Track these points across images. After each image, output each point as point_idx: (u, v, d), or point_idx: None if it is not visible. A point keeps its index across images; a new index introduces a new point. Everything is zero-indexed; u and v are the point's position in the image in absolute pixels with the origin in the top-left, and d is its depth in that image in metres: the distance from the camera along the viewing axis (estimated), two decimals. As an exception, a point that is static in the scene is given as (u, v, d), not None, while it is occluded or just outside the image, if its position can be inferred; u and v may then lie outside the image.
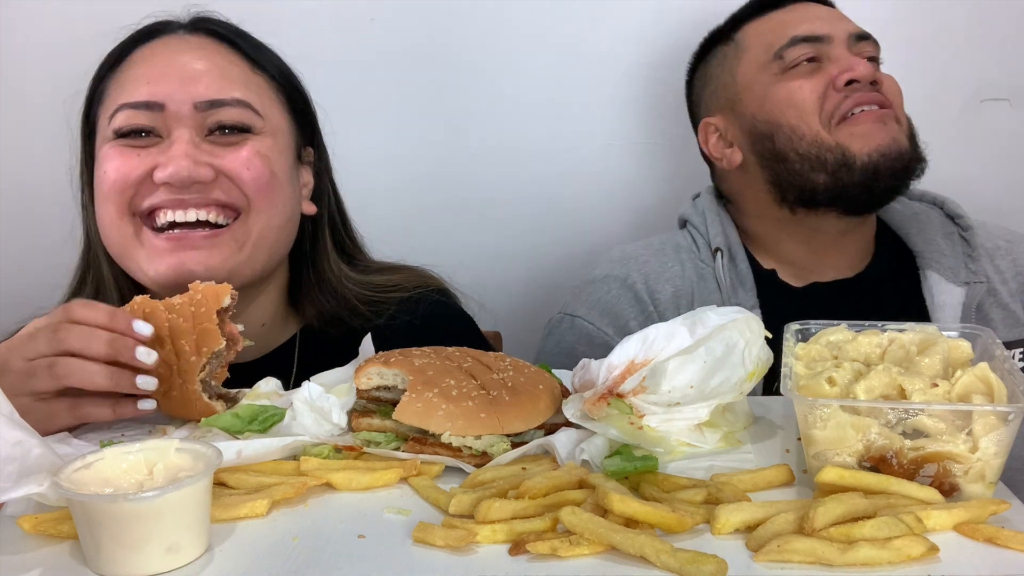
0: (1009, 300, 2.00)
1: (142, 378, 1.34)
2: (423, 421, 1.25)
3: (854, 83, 1.93)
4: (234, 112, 1.65)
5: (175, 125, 1.63)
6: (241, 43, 1.74)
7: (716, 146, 2.11)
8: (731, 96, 2.08)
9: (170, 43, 1.71)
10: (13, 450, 1.07)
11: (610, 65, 2.44)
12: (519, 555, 1.01)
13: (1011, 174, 2.46)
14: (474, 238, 2.50)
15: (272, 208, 1.67)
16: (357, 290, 1.81)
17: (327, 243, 1.83)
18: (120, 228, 1.64)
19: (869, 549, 0.97)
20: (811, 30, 1.99)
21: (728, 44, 2.10)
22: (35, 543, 1.09)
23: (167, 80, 1.64)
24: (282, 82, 1.77)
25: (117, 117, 1.65)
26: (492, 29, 2.41)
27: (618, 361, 1.29)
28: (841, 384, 1.19)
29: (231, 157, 1.64)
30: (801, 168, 1.95)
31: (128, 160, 1.62)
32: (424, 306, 1.82)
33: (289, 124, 1.76)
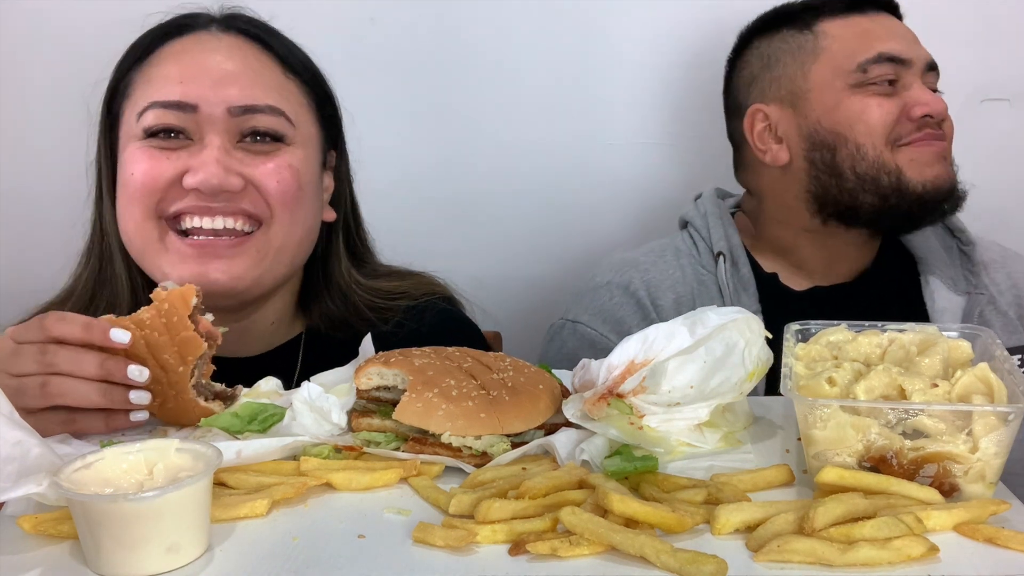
0: (1007, 309, 2.03)
1: (135, 393, 1.33)
2: (423, 421, 1.25)
3: (928, 117, 1.94)
4: (268, 120, 1.64)
5: (208, 128, 1.60)
6: (274, 44, 1.71)
7: (762, 136, 2.05)
8: (796, 91, 2.02)
9: (202, 40, 1.67)
10: (13, 450, 1.07)
11: (612, 65, 2.44)
12: (519, 555, 1.01)
13: (1011, 174, 2.47)
14: (475, 238, 2.49)
15: (295, 221, 1.66)
16: (365, 296, 1.80)
17: (340, 248, 1.82)
18: (144, 231, 1.62)
19: (869, 549, 0.97)
20: (898, 51, 1.97)
21: (804, 34, 2.03)
22: (35, 543, 1.09)
23: (200, 80, 1.61)
24: (313, 86, 1.75)
25: (147, 115, 1.61)
26: (492, 29, 2.41)
27: (618, 361, 1.29)
28: (841, 384, 1.19)
29: (262, 168, 1.62)
30: (854, 187, 1.95)
31: (158, 163, 1.60)
32: (430, 314, 1.81)
33: (318, 131, 1.75)
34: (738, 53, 2.14)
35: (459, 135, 2.46)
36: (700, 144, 2.42)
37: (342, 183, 1.84)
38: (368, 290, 1.82)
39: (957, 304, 1.99)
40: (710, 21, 2.26)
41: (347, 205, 1.85)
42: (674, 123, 2.45)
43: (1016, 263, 2.10)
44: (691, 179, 2.45)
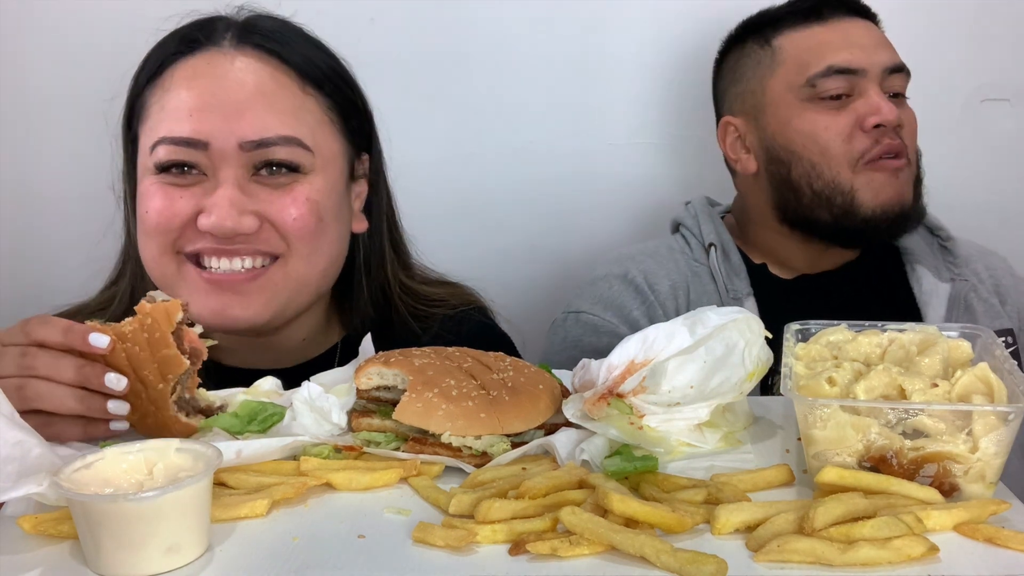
0: (988, 296, 2.06)
1: (114, 402, 1.30)
2: (423, 421, 1.25)
3: (880, 126, 1.95)
4: (283, 151, 1.58)
5: (220, 164, 1.56)
6: (292, 57, 1.63)
7: (733, 147, 2.13)
8: (757, 104, 2.07)
9: (214, 61, 1.60)
10: (13, 450, 1.07)
11: (614, 66, 2.44)
12: (519, 555, 1.01)
13: (1011, 174, 2.47)
14: (475, 238, 2.49)
15: (315, 252, 1.61)
16: (408, 301, 1.78)
17: (386, 253, 1.78)
18: (162, 265, 1.60)
19: (869, 549, 0.97)
20: (848, 61, 1.97)
21: (764, 48, 2.07)
22: (35, 543, 1.09)
23: (211, 114, 1.55)
24: (335, 97, 1.68)
25: (159, 150, 1.57)
26: (493, 29, 2.41)
27: (618, 361, 1.29)
28: (841, 384, 1.19)
29: (278, 204, 1.57)
30: (810, 202, 1.99)
31: (172, 202, 1.56)
32: (468, 325, 1.79)
33: (342, 146, 1.68)
34: (718, 63, 2.20)
35: (459, 135, 2.45)
36: (701, 144, 2.42)
37: (378, 188, 1.78)
38: (410, 293, 1.79)
39: (943, 290, 2.03)
40: (710, 21, 2.26)
41: (384, 212, 1.80)
42: (676, 123, 2.45)
43: (991, 257, 2.15)
44: (692, 179, 2.45)
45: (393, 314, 1.77)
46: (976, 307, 2.03)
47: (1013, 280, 2.13)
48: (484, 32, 2.41)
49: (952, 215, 2.16)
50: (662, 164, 2.49)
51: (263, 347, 1.57)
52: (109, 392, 1.29)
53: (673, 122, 2.45)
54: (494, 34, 2.41)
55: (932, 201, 2.16)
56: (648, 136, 2.47)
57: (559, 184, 2.48)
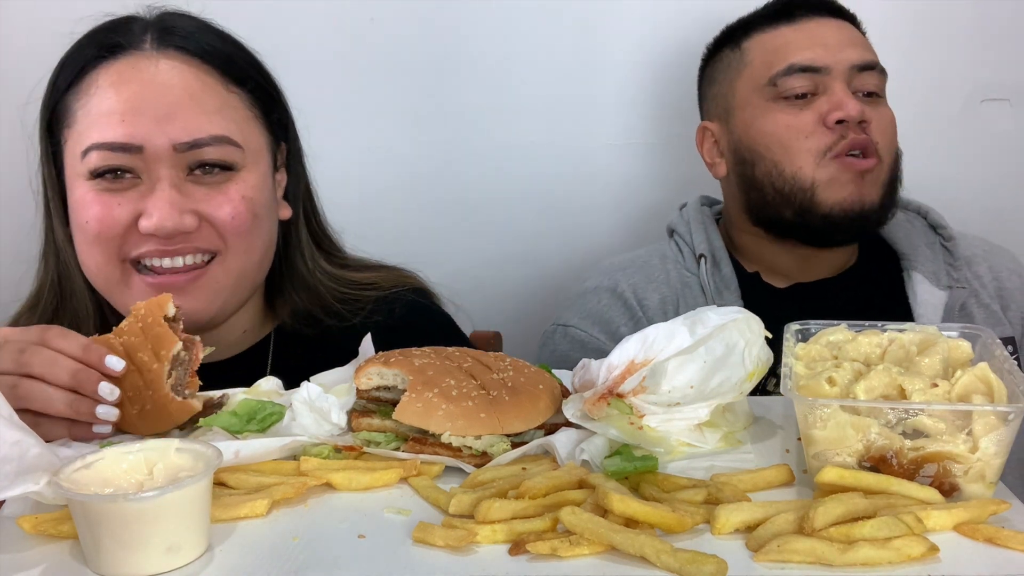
0: (989, 301, 2.04)
1: (103, 408, 1.31)
2: (423, 421, 1.25)
3: (843, 122, 1.93)
4: (215, 151, 1.60)
5: (155, 166, 1.58)
6: (213, 57, 1.65)
7: (709, 152, 2.14)
8: (727, 107, 2.08)
9: (138, 65, 1.61)
10: (11, 450, 1.07)
11: (610, 65, 2.44)
12: (519, 555, 1.01)
13: (1011, 174, 2.47)
14: (474, 238, 2.49)
15: (252, 247, 1.65)
16: (332, 286, 1.80)
17: (303, 238, 1.80)
18: (107, 273, 1.62)
19: (869, 549, 0.97)
20: (811, 59, 1.96)
21: (735, 51, 2.08)
22: (35, 543, 1.09)
23: (142, 118, 1.57)
24: (256, 93, 1.70)
25: (91, 156, 1.58)
26: (492, 29, 2.41)
27: (618, 361, 1.29)
28: (841, 384, 1.19)
29: (215, 203, 1.60)
30: (773, 201, 1.99)
31: (110, 209, 1.58)
32: (400, 306, 1.80)
33: (266, 138, 1.71)
34: (699, 73, 2.20)
35: (458, 135, 2.45)
36: (700, 144, 2.42)
37: (297, 175, 1.81)
38: (335, 279, 1.81)
39: (939, 298, 2.00)
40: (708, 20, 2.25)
41: (304, 196, 1.82)
42: (673, 123, 2.45)
43: (998, 256, 2.12)
44: (690, 179, 2.44)
45: (317, 302, 1.78)
46: (976, 314, 2.01)
47: (1019, 280, 2.09)
48: (483, 32, 2.41)
49: (952, 215, 2.16)
50: (660, 163, 2.49)
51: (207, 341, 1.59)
52: (101, 400, 1.31)
53: (671, 122, 2.45)
54: (493, 34, 2.41)
55: (932, 200, 2.16)
56: (646, 136, 2.47)
57: (558, 183, 2.48)
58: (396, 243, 1.95)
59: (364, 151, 2.42)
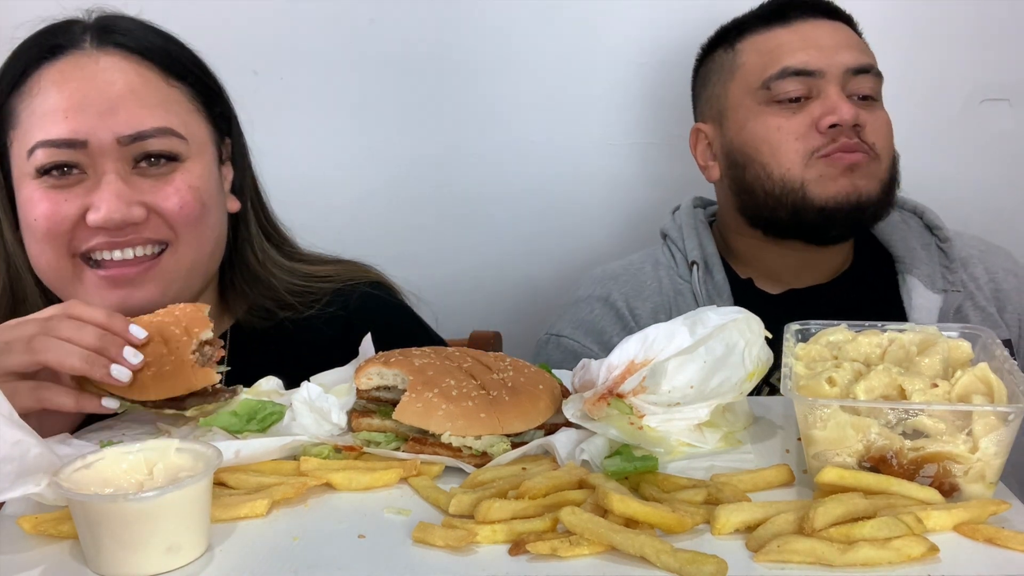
0: (985, 304, 2.03)
1: (117, 368, 1.33)
2: (423, 421, 1.25)
3: (836, 126, 1.91)
4: (159, 142, 1.62)
5: (100, 160, 1.59)
6: (153, 54, 1.67)
7: (703, 154, 2.12)
8: (721, 110, 2.06)
9: (80, 63, 1.63)
10: (12, 450, 1.07)
11: (608, 65, 2.44)
12: (519, 555, 1.01)
13: (1011, 174, 2.46)
14: (474, 238, 2.49)
15: (202, 237, 1.66)
16: (285, 279, 1.80)
17: (252, 231, 1.81)
18: (59, 270, 1.63)
19: (869, 549, 0.97)
20: (804, 63, 1.94)
21: (728, 52, 2.06)
22: (35, 543, 1.09)
23: (85, 113, 1.59)
24: (196, 86, 1.72)
25: (37, 154, 1.59)
26: (491, 30, 2.41)
27: (618, 361, 1.29)
28: (841, 384, 1.19)
29: (162, 194, 1.62)
30: (765, 203, 1.97)
31: (57, 205, 1.59)
32: (355, 298, 1.80)
33: (209, 131, 1.73)
34: (693, 78, 2.19)
35: (457, 135, 2.46)
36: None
37: (242, 169, 1.81)
38: (287, 271, 1.81)
39: (934, 302, 1.99)
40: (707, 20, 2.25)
41: (250, 190, 1.83)
42: (673, 123, 2.45)
43: (995, 257, 2.10)
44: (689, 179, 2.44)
45: (269, 294, 1.78)
46: (971, 317, 2.00)
47: (1016, 281, 2.07)
48: (483, 32, 2.41)
49: (951, 214, 2.16)
50: (659, 163, 2.49)
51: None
52: (122, 362, 1.33)
53: (670, 122, 2.44)
54: (492, 34, 2.41)
55: (931, 200, 2.16)
56: (645, 135, 2.47)
57: (557, 183, 2.48)
58: (395, 243, 1.95)
59: (364, 151, 2.43)
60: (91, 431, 1.40)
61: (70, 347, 1.32)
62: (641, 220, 2.49)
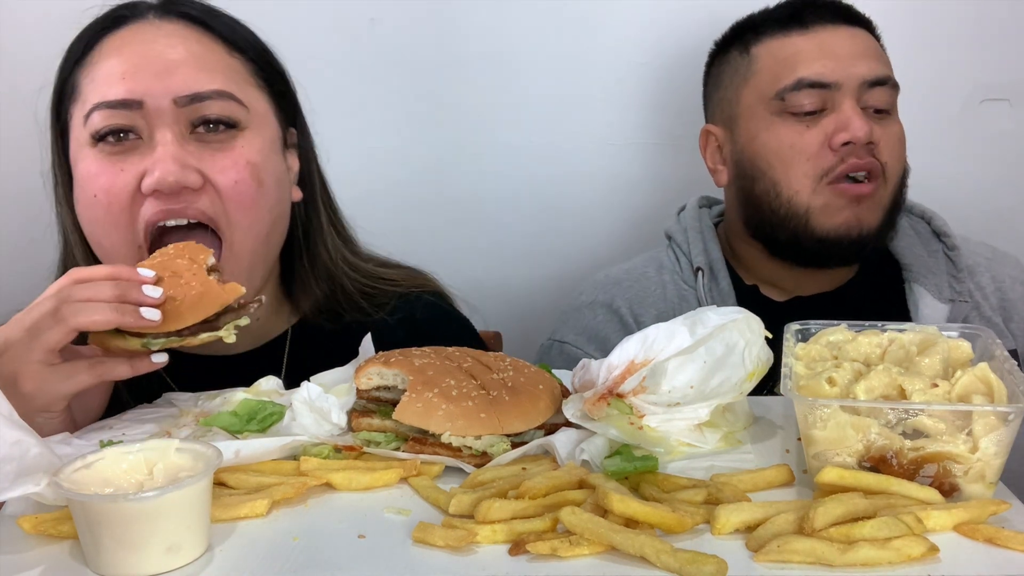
0: (991, 314, 2.01)
1: (146, 310, 1.33)
2: (423, 421, 1.25)
3: (849, 144, 1.88)
4: (217, 105, 1.58)
5: (157, 123, 1.55)
6: (216, 24, 1.65)
7: (712, 156, 2.09)
8: (732, 114, 2.03)
9: (140, 30, 1.61)
10: (11, 450, 1.07)
11: (610, 65, 2.44)
12: (519, 555, 1.01)
13: (1011, 174, 2.46)
14: (474, 238, 2.49)
15: (257, 219, 1.61)
16: (356, 277, 1.77)
17: (323, 224, 1.77)
18: (126, 258, 1.57)
19: (869, 549, 0.97)
20: (820, 74, 1.90)
21: (743, 56, 2.01)
22: (35, 543, 1.09)
23: (142, 74, 1.56)
24: (260, 63, 1.68)
25: (93, 118, 1.56)
26: (492, 30, 2.41)
27: (618, 361, 1.29)
28: (841, 384, 1.19)
29: (219, 165, 1.57)
30: (768, 220, 1.96)
31: (115, 177, 1.55)
32: (421, 307, 1.78)
33: (272, 108, 1.69)
34: (706, 69, 2.16)
35: (458, 136, 2.45)
36: (700, 144, 2.42)
37: (308, 161, 1.78)
38: (358, 271, 1.78)
39: (941, 312, 1.97)
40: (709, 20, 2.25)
41: (317, 185, 1.79)
42: (674, 123, 2.45)
43: (1003, 264, 2.09)
44: (691, 180, 2.44)
45: (340, 293, 1.75)
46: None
47: (1023, 289, 2.05)
48: (483, 32, 2.41)
49: (950, 215, 2.16)
50: (661, 164, 2.49)
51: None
52: (147, 302, 1.34)
53: (672, 122, 2.45)
54: (493, 34, 2.41)
55: (930, 202, 2.16)
56: (647, 136, 2.47)
57: (558, 184, 2.48)
58: (396, 243, 1.94)
59: (364, 151, 2.42)
60: (91, 431, 1.40)
61: (95, 304, 1.32)
62: (642, 221, 2.48)
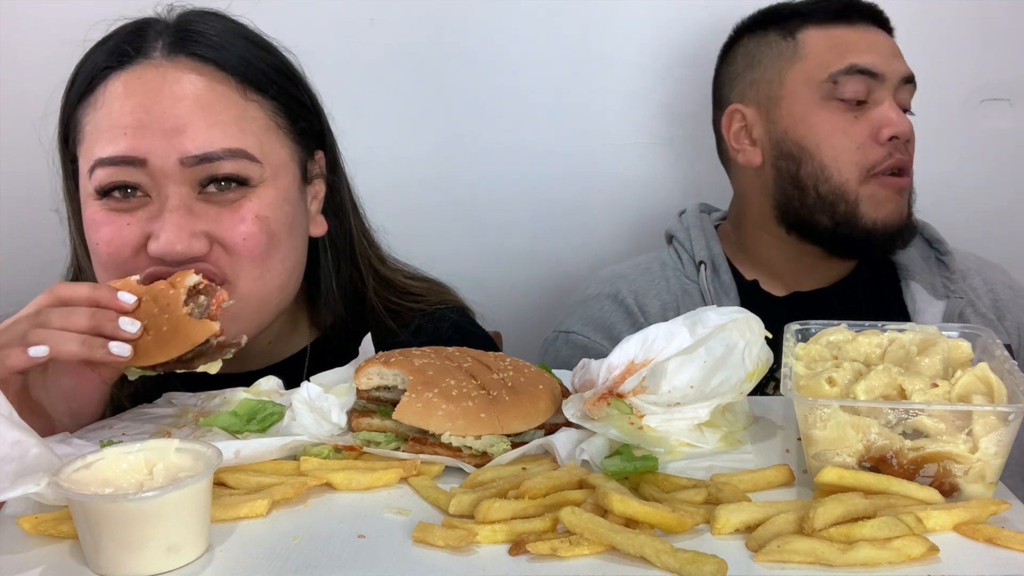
0: (986, 311, 2.05)
1: (115, 344, 1.30)
2: (423, 421, 1.25)
3: (895, 138, 1.95)
4: (228, 165, 1.50)
5: (163, 183, 1.48)
6: (229, 61, 1.55)
7: (737, 136, 2.09)
8: (772, 96, 2.05)
9: (146, 76, 1.51)
10: (11, 450, 1.07)
11: (612, 65, 2.44)
12: (519, 555, 1.01)
13: (1011, 174, 2.47)
14: (475, 238, 2.50)
15: (267, 273, 1.55)
16: (384, 294, 1.75)
17: (354, 246, 1.73)
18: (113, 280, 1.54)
19: (869, 549, 0.97)
20: (871, 64, 1.97)
21: (788, 40, 2.04)
22: (35, 543, 1.09)
23: (147, 130, 1.47)
24: (280, 99, 1.60)
25: (97, 174, 1.50)
26: (493, 30, 2.41)
27: (618, 361, 1.29)
28: (841, 384, 1.19)
29: (227, 223, 1.50)
30: (813, 204, 1.99)
31: (119, 230, 1.50)
32: (447, 326, 1.75)
33: (291, 149, 1.61)
34: (729, 46, 2.16)
35: (458, 136, 2.46)
36: (700, 144, 2.42)
37: (338, 181, 1.73)
38: (388, 285, 1.76)
39: (938, 307, 2.02)
40: (709, 20, 2.26)
41: (348, 208, 1.75)
42: (674, 123, 2.45)
43: (991, 271, 2.14)
44: (692, 180, 2.45)
45: (366, 310, 1.73)
46: (973, 323, 2.00)
47: (1012, 293, 2.11)
48: (484, 32, 2.41)
49: (950, 215, 2.17)
50: (661, 164, 2.49)
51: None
52: (123, 337, 1.31)
53: (673, 122, 2.45)
54: (494, 34, 2.41)
55: (930, 202, 2.16)
56: (648, 136, 2.47)
57: (558, 184, 2.48)
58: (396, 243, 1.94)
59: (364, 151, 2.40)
60: (91, 431, 1.40)
61: (65, 335, 1.30)
62: (642, 221, 2.49)
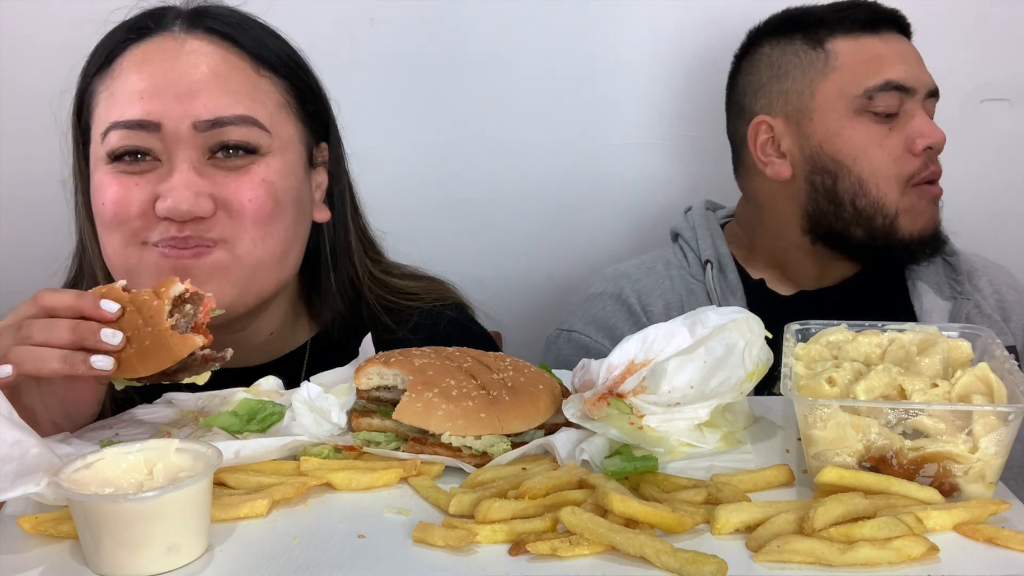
0: (991, 312, 2.05)
1: (97, 359, 1.28)
2: (423, 421, 1.25)
3: (929, 150, 1.96)
4: (238, 131, 1.54)
5: (175, 147, 1.52)
6: (245, 40, 1.60)
7: (764, 148, 2.05)
8: (802, 108, 2.01)
9: (163, 46, 1.56)
10: (11, 450, 1.07)
11: (613, 66, 2.44)
12: (519, 555, 1.01)
13: (1011, 174, 2.47)
14: (475, 238, 2.50)
15: (269, 235, 1.57)
16: (381, 293, 1.75)
17: (351, 243, 1.74)
18: (126, 257, 1.56)
19: (869, 549, 0.97)
20: (904, 78, 1.97)
21: (817, 51, 2.01)
22: (35, 543, 1.09)
23: (162, 95, 1.52)
24: (291, 79, 1.64)
25: (110, 137, 1.53)
26: (493, 29, 2.41)
27: (618, 361, 1.29)
28: (841, 384, 1.19)
29: (234, 186, 1.53)
30: (849, 218, 1.98)
31: (127, 190, 1.52)
32: (444, 324, 1.76)
33: (299, 130, 1.65)
34: (747, 52, 2.12)
35: (459, 136, 2.46)
36: (701, 144, 2.42)
37: (338, 177, 1.75)
38: (383, 286, 1.76)
39: (944, 307, 2.03)
40: (711, 21, 2.26)
41: (347, 202, 1.77)
42: (675, 124, 2.45)
43: (996, 272, 2.14)
44: (692, 180, 2.45)
45: (363, 308, 1.74)
46: (979, 324, 2.02)
47: (1017, 295, 2.11)
48: (484, 32, 2.41)
49: (951, 215, 2.16)
50: (663, 164, 2.49)
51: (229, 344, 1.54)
52: (106, 349, 1.28)
53: (675, 122, 2.45)
54: (494, 34, 2.41)
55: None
56: (649, 136, 2.47)
57: (559, 184, 2.48)
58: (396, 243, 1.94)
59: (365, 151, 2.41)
60: (91, 431, 1.40)
61: (45, 352, 1.27)
62: (643, 221, 2.49)
